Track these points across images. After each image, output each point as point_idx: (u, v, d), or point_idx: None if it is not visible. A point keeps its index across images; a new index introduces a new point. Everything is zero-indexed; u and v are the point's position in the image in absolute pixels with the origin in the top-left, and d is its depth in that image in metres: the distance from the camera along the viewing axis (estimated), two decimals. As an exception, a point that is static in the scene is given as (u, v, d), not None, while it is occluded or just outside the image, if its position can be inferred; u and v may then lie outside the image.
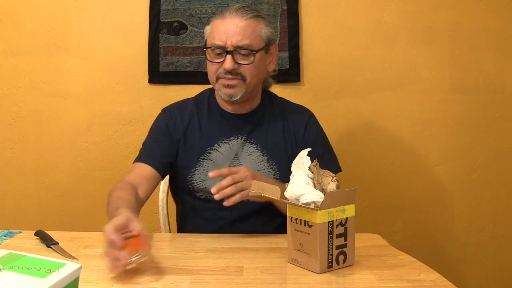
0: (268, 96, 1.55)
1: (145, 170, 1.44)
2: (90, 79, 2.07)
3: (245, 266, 1.09)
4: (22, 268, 0.77)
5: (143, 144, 1.54)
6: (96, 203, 2.10)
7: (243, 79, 1.39)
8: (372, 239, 1.32)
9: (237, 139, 1.46)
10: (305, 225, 1.06)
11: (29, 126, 2.09)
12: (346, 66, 2.06)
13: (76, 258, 1.13)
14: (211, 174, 1.20)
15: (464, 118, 2.09)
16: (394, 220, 2.11)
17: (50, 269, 0.77)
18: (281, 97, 1.59)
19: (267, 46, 1.42)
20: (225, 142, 1.46)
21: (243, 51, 1.37)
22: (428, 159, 2.11)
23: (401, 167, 2.10)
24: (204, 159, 1.45)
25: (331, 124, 2.06)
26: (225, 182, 1.18)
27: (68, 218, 2.10)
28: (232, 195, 1.21)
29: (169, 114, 1.53)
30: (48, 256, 0.84)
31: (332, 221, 1.05)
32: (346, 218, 1.07)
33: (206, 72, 1.58)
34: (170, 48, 2.04)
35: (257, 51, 1.38)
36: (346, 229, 1.07)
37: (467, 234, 2.13)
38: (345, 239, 1.07)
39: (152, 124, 1.56)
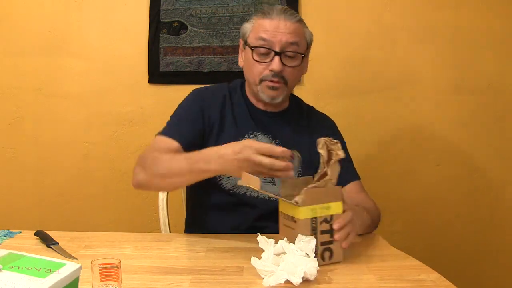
0: (295, 100, 1.56)
1: (173, 147, 1.33)
2: (90, 79, 2.07)
3: (245, 266, 1.09)
4: (22, 268, 0.77)
5: (169, 120, 1.45)
6: (96, 203, 2.10)
7: (285, 82, 1.39)
8: (372, 239, 1.32)
9: (264, 135, 1.44)
10: (291, 221, 1.09)
11: (29, 126, 2.09)
12: (346, 66, 2.06)
13: (76, 258, 1.13)
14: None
15: (464, 118, 2.09)
16: (394, 220, 2.11)
17: (50, 269, 0.77)
18: (306, 103, 1.60)
19: (308, 50, 1.44)
20: (255, 136, 1.43)
21: (290, 53, 1.36)
22: (428, 159, 2.10)
23: (401, 167, 2.10)
24: None
25: (331, 124, 2.06)
26: (347, 230, 1.11)
27: (68, 218, 2.10)
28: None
29: (203, 97, 1.46)
30: (48, 256, 0.84)
31: (316, 218, 1.07)
32: (332, 215, 1.09)
33: (206, 72, 1.60)
34: (170, 48, 2.04)
35: (304, 55, 1.40)
36: (332, 226, 1.09)
37: (467, 234, 2.13)
38: (331, 236, 1.09)
39: (181, 104, 1.47)
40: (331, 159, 1.11)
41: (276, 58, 1.35)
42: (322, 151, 1.11)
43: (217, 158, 1.15)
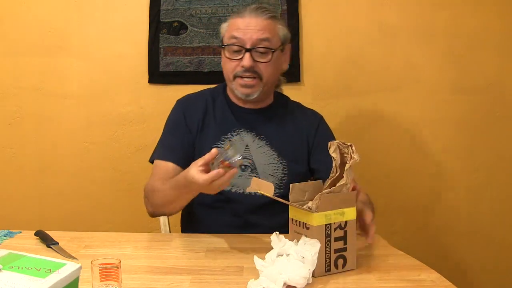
0: (281, 97, 1.60)
1: (170, 168, 1.41)
2: (90, 79, 2.07)
3: (245, 266, 1.09)
4: (22, 268, 0.77)
5: (161, 138, 1.52)
6: (96, 203, 2.10)
7: (260, 77, 1.42)
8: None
9: (246, 132, 1.48)
10: (303, 227, 1.06)
11: (29, 126, 2.09)
12: (346, 66, 2.06)
13: (76, 258, 1.13)
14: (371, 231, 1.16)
15: (464, 118, 2.09)
16: (394, 220, 2.11)
17: (50, 269, 0.77)
18: (293, 100, 1.62)
19: (283, 46, 1.47)
20: (237, 133, 1.48)
21: (261, 49, 1.40)
22: (428, 159, 2.10)
23: (401, 167, 2.10)
24: (217, 147, 1.43)
25: (331, 124, 2.04)
26: (374, 230, 1.17)
27: (68, 218, 2.10)
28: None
29: (185, 104, 1.53)
30: (48, 256, 0.84)
31: (330, 224, 1.04)
32: (346, 221, 1.06)
33: (206, 72, 1.61)
34: (170, 48, 2.04)
35: (275, 50, 1.42)
36: (345, 232, 1.06)
37: (467, 234, 2.13)
38: (345, 243, 1.06)
39: (168, 117, 1.54)
40: (344, 162, 1.09)
41: (247, 55, 1.39)
42: (334, 154, 1.09)
43: (189, 185, 1.20)
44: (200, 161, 1.14)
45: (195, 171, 1.14)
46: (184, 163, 1.39)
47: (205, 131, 1.48)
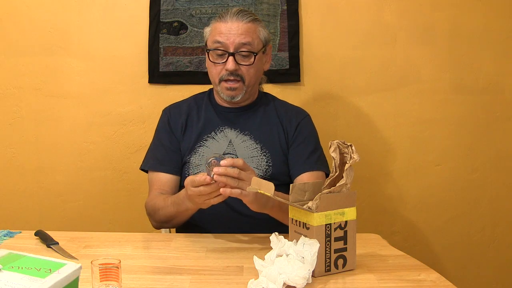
0: (265, 95, 1.65)
1: (164, 179, 1.50)
2: (90, 79, 2.07)
3: (245, 266, 1.09)
4: (22, 268, 0.77)
5: (150, 147, 1.59)
6: (96, 203, 2.10)
7: (243, 80, 1.48)
8: (372, 239, 1.32)
9: (230, 129, 1.54)
10: (303, 227, 1.06)
11: (29, 126, 2.09)
12: (346, 66, 2.06)
13: (76, 258, 1.13)
14: (224, 162, 1.14)
15: (464, 118, 2.09)
16: (394, 220, 2.11)
17: (50, 269, 0.77)
18: (281, 99, 1.66)
19: (264, 47, 1.52)
20: (221, 131, 1.53)
21: (244, 53, 1.46)
22: (428, 159, 2.11)
23: (401, 167, 2.10)
24: (200, 146, 1.52)
25: (331, 124, 2.06)
26: (231, 171, 1.14)
27: (68, 218, 2.10)
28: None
29: (169, 111, 1.61)
30: (48, 256, 0.84)
31: (330, 224, 1.04)
32: (346, 221, 1.06)
33: (206, 72, 1.61)
34: (170, 48, 2.04)
35: (257, 53, 1.47)
36: (345, 232, 1.06)
37: (467, 234, 2.13)
38: (345, 243, 1.07)
39: (157, 126, 1.62)
40: (344, 162, 1.09)
41: (230, 58, 1.45)
42: (334, 154, 1.09)
43: (185, 199, 1.26)
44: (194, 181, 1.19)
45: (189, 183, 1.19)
46: (175, 170, 1.51)
47: (188, 132, 1.54)
